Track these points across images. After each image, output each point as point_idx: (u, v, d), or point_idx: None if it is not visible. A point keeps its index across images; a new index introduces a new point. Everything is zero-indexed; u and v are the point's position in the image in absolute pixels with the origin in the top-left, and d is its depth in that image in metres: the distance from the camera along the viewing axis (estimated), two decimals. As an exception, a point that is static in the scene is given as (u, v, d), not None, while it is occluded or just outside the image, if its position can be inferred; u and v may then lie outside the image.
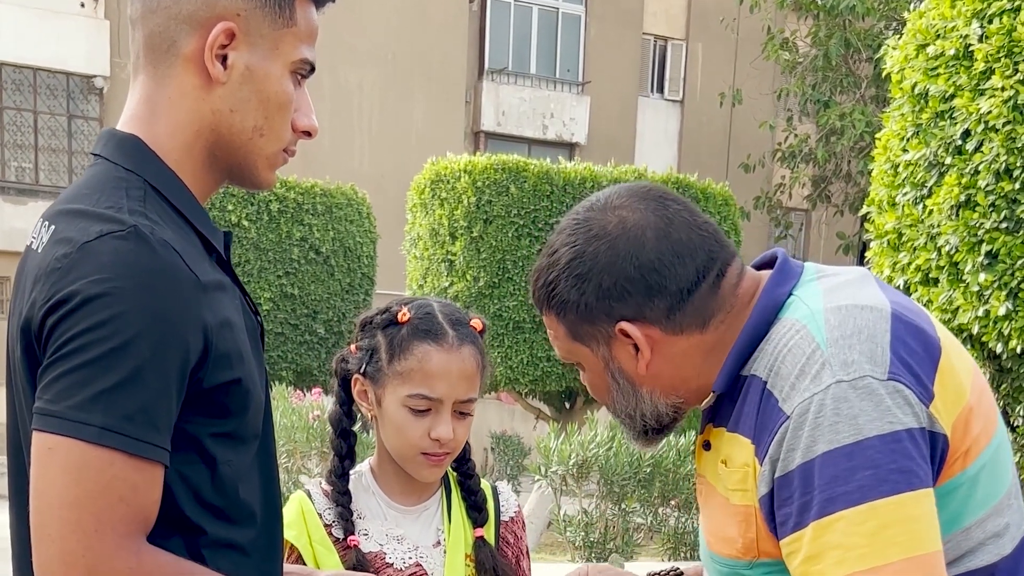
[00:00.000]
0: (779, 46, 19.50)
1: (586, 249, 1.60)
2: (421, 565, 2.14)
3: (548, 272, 1.64)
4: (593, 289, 1.59)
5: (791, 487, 1.44)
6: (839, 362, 1.44)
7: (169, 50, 1.52)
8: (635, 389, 1.64)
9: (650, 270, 1.57)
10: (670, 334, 1.59)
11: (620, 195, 1.63)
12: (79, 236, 1.40)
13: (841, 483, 1.40)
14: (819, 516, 1.41)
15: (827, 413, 1.42)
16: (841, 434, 1.41)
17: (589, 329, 1.62)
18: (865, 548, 1.39)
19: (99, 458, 1.35)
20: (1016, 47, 5.32)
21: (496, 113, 22.88)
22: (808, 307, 1.53)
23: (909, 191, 5.92)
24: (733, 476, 1.56)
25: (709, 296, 1.59)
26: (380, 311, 2.17)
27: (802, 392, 1.45)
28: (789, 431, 1.44)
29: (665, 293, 1.57)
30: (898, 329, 1.49)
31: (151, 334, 1.37)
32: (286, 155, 1.61)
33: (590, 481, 9.83)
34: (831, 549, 1.40)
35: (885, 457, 1.40)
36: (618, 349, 1.62)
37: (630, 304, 1.58)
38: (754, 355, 1.56)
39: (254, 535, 1.56)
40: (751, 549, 1.55)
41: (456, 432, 2.10)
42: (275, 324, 13.87)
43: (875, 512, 1.39)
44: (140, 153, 1.52)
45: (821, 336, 1.48)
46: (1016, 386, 5.87)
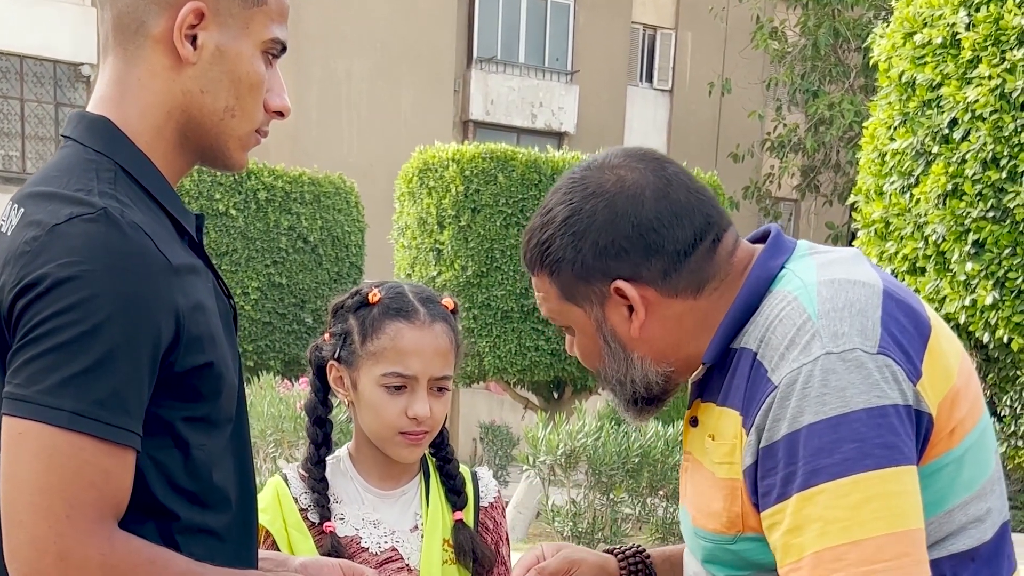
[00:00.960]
0: (768, 35, 19.50)
1: (583, 207, 1.57)
2: (397, 550, 2.13)
3: (542, 231, 1.61)
4: (590, 247, 1.57)
5: (776, 457, 1.43)
6: (829, 334, 1.43)
7: (138, 31, 1.50)
8: (626, 353, 1.62)
9: (648, 229, 1.55)
10: (665, 296, 1.57)
11: (617, 155, 1.62)
12: (48, 219, 1.38)
13: (825, 455, 1.39)
14: (802, 488, 1.40)
15: (815, 384, 1.41)
16: (828, 406, 1.40)
17: (583, 289, 1.59)
18: (847, 521, 1.38)
19: (70, 443, 1.34)
20: (1003, 35, 5.31)
21: (485, 102, 22.84)
22: (801, 280, 1.53)
23: (896, 180, 5.92)
24: (720, 449, 1.55)
25: (705, 261, 1.57)
26: (351, 294, 2.17)
27: (791, 363, 1.44)
28: (776, 401, 1.43)
29: (662, 253, 1.55)
30: (889, 306, 1.48)
31: (122, 318, 1.36)
32: (258, 136, 1.59)
33: (578, 471, 9.83)
34: (813, 521, 1.39)
35: (871, 431, 1.39)
36: (612, 310, 1.59)
37: (627, 263, 1.56)
38: (745, 327, 1.55)
39: (228, 520, 1.55)
40: (736, 523, 1.54)
41: (433, 410, 2.10)
42: (263, 313, 13.85)
43: (858, 485, 1.38)
44: (110, 135, 1.51)
45: (813, 308, 1.47)
46: (1003, 375, 5.89)
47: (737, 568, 1.58)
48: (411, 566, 2.13)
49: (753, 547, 1.53)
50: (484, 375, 11.99)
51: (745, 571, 1.57)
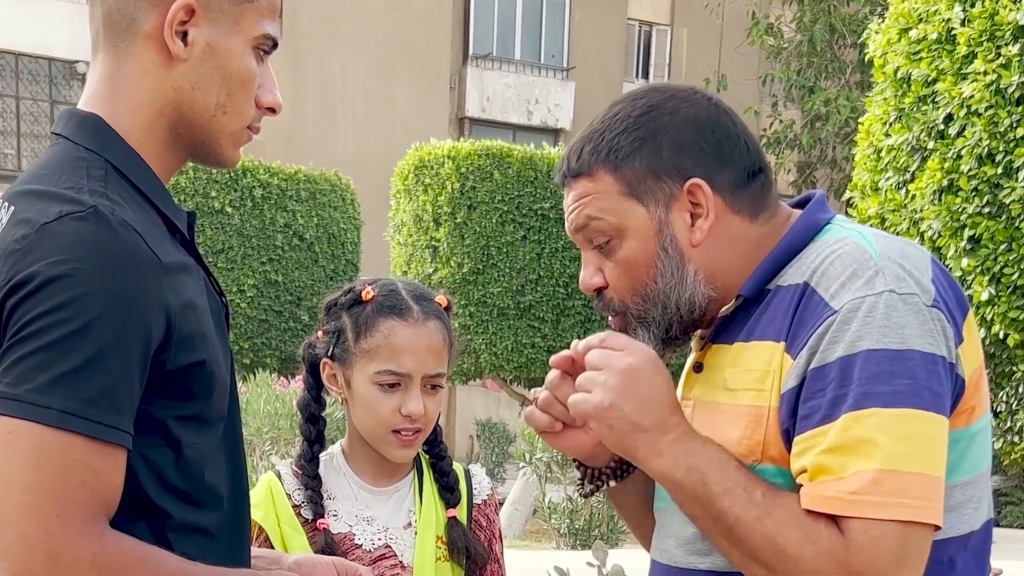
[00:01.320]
0: (764, 31, 19.50)
1: (664, 104, 1.58)
2: (390, 547, 2.13)
3: (607, 131, 1.58)
4: (668, 141, 1.56)
5: (826, 379, 1.43)
6: (892, 275, 1.45)
7: (128, 27, 1.50)
8: (683, 263, 1.56)
9: (727, 138, 1.58)
10: (728, 210, 1.58)
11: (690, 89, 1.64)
12: (38, 217, 1.38)
13: (881, 382, 1.40)
14: (853, 408, 1.41)
15: (877, 315, 1.42)
16: (888, 337, 1.41)
17: (653, 185, 1.56)
18: (888, 449, 1.39)
19: (60, 442, 1.33)
20: (998, 31, 5.31)
21: (481, 99, 22.83)
22: (854, 229, 1.56)
23: (892, 176, 5.91)
24: (747, 376, 1.53)
25: (760, 191, 1.61)
26: (343, 292, 2.17)
27: (854, 292, 1.44)
28: (835, 324, 1.43)
29: (734, 166, 1.57)
30: (936, 271, 1.51)
31: (112, 316, 1.35)
32: (250, 132, 1.58)
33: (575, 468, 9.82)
34: (860, 443, 1.40)
35: (923, 373, 1.41)
36: (676, 214, 1.56)
37: (703, 165, 1.56)
38: (785, 269, 1.55)
39: (221, 519, 1.54)
40: (754, 452, 1.51)
41: (427, 408, 2.10)
42: (259, 311, 13.85)
43: (905, 419, 1.39)
44: (101, 132, 1.50)
45: (873, 250, 1.49)
46: (999, 371, 5.88)
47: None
48: (404, 563, 2.13)
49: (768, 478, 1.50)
50: (480, 372, 11.99)
51: None
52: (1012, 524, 14.94)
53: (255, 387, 10.28)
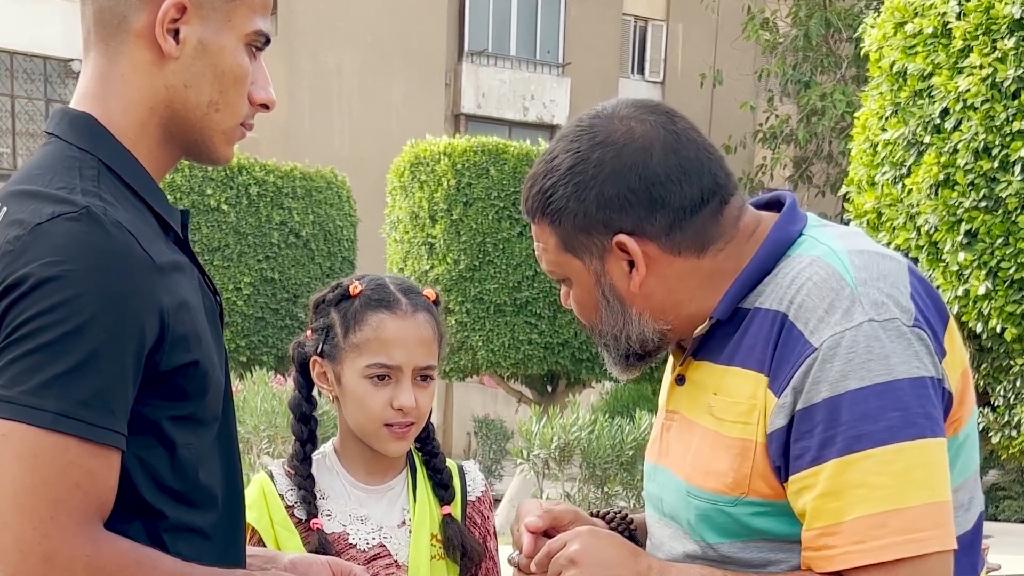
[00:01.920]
0: (759, 26, 19.48)
1: (590, 155, 1.54)
2: (385, 546, 2.12)
3: (545, 178, 1.57)
4: (594, 197, 1.53)
5: (813, 420, 1.42)
6: (870, 302, 1.43)
7: (120, 25, 1.49)
8: (624, 308, 1.59)
9: (655, 183, 1.52)
10: (667, 253, 1.54)
11: (627, 106, 1.59)
12: (31, 218, 1.37)
13: (870, 421, 1.38)
14: (843, 453, 1.39)
15: (859, 350, 1.40)
16: (873, 372, 1.39)
17: (584, 240, 1.56)
18: (889, 489, 1.38)
19: (54, 444, 1.33)
20: (994, 24, 5.30)
21: (476, 95, 22.80)
22: (828, 246, 1.51)
23: (888, 170, 5.92)
24: (735, 408, 1.52)
25: (710, 221, 1.55)
26: (331, 289, 2.16)
27: (832, 326, 1.42)
28: (817, 363, 1.42)
29: (667, 209, 1.52)
30: (914, 282, 1.48)
31: (105, 317, 1.34)
32: (243, 129, 1.58)
33: (572, 464, 9.83)
34: (854, 487, 1.39)
35: (914, 400, 1.39)
36: (612, 264, 1.57)
37: (630, 217, 1.53)
38: (758, 288, 1.53)
39: (215, 519, 1.54)
40: (741, 485, 1.51)
41: (418, 400, 2.09)
42: (255, 308, 13.83)
43: (902, 454, 1.38)
44: (93, 131, 1.49)
45: (849, 275, 1.46)
46: (996, 365, 5.89)
47: (728, 533, 1.55)
48: (399, 562, 2.12)
49: (753, 512, 1.52)
50: (477, 369, 11.98)
51: (736, 537, 1.55)
52: (1010, 518, 14.94)
53: (252, 385, 10.26)
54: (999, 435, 6.04)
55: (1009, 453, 6.33)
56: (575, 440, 9.42)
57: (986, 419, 6.05)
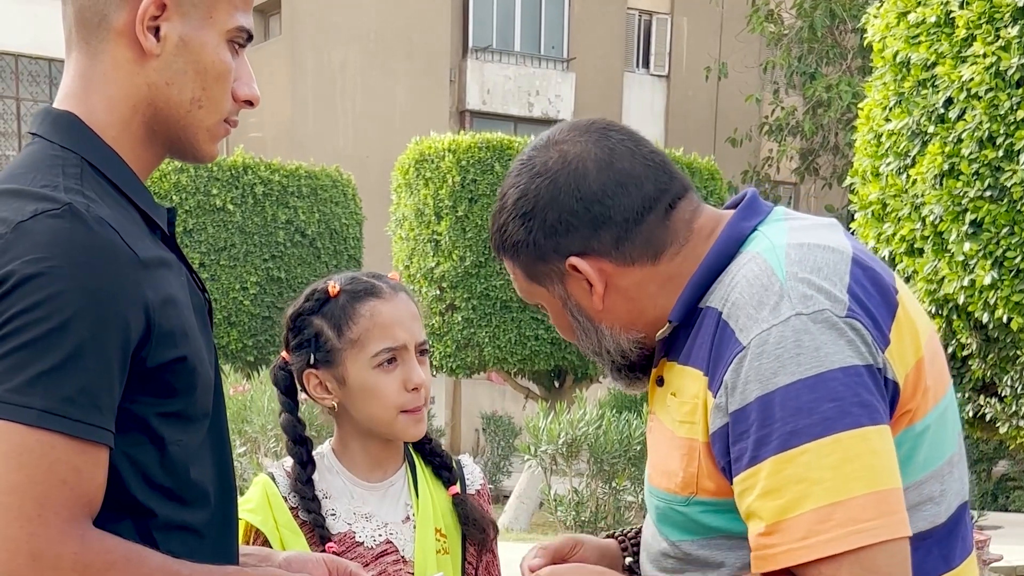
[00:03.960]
0: (764, 18, 19.46)
1: (529, 187, 1.58)
2: (392, 542, 2.12)
3: (499, 216, 1.63)
4: (539, 226, 1.57)
5: (747, 421, 1.41)
6: (798, 295, 1.42)
7: (100, 24, 1.49)
8: (595, 325, 1.62)
9: (592, 201, 1.55)
10: (621, 266, 1.56)
11: (562, 131, 1.62)
12: (13, 216, 1.37)
13: (804, 415, 1.37)
14: (780, 450, 1.38)
15: (788, 345, 1.39)
16: (803, 366, 1.38)
17: (543, 268, 1.60)
18: (830, 481, 1.36)
19: (40, 442, 1.32)
20: (997, 13, 5.28)
21: (481, 91, 22.80)
22: (770, 241, 1.51)
23: (892, 161, 5.89)
24: (682, 408, 1.53)
25: (659, 227, 1.56)
26: (305, 299, 2.15)
27: (760, 323, 1.42)
28: (747, 362, 1.41)
29: (610, 224, 1.55)
30: (857, 273, 1.46)
31: (89, 313, 1.34)
32: (227, 126, 1.57)
33: (580, 460, 9.83)
34: (793, 483, 1.37)
35: (848, 390, 1.37)
36: (573, 286, 1.60)
37: (576, 238, 1.56)
38: (712, 287, 1.53)
39: (207, 516, 1.53)
40: (690, 484, 1.52)
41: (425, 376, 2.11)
42: (262, 308, 13.85)
43: (839, 445, 1.36)
44: (76, 130, 1.49)
45: (781, 270, 1.45)
46: (1003, 355, 5.86)
47: (686, 531, 1.56)
48: (406, 558, 2.12)
49: (704, 510, 1.52)
50: (484, 365, 11.98)
51: (694, 535, 1.55)
52: (1020, 509, 14.92)
53: (259, 384, 10.28)
54: (1007, 425, 6.01)
55: (1017, 443, 6.30)
56: (582, 436, 9.42)
57: (993, 409, 6.03)
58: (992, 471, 15.45)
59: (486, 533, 2.18)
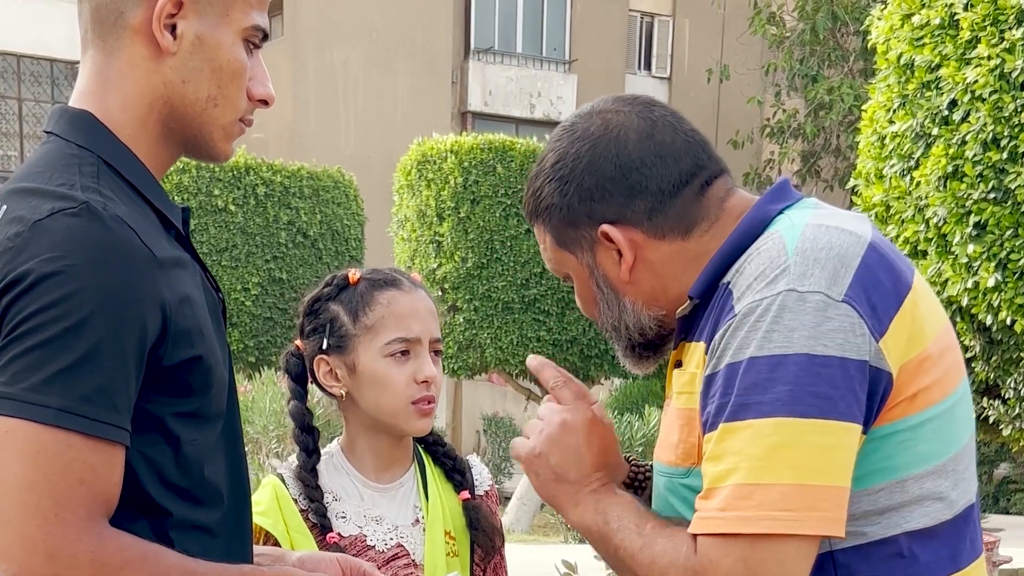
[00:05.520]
0: (766, 21, 19.46)
1: (569, 151, 1.59)
2: (403, 546, 2.11)
3: (535, 180, 1.63)
4: (575, 190, 1.57)
5: (715, 386, 1.42)
6: (798, 272, 1.41)
7: (116, 22, 1.49)
8: (618, 298, 1.61)
9: (631, 169, 1.55)
10: (652, 238, 1.56)
11: (607, 101, 1.63)
12: (31, 215, 1.37)
13: (757, 392, 1.37)
14: (729, 420, 1.39)
15: (767, 319, 1.39)
16: (773, 343, 1.38)
17: (573, 234, 1.60)
18: (759, 461, 1.36)
19: (56, 440, 1.32)
20: (1001, 15, 5.28)
21: (483, 93, 22.81)
22: (791, 221, 1.51)
23: (896, 163, 5.89)
24: (681, 378, 1.54)
25: (693, 202, 1.56)
26: (325, 284, 2.16)
27: (754, 293, 1.42)
28: (730, 330, 1.42)
29: (646, 193, 1.55)
30: (871, 258, 1.45)
31: (106, 312, 1.34)
32: (242, 125, 1.57)
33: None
34: (731, 454, 1.38)
35: (807, 378, 1.36)
36: (602, 255, 1.59)
37: (611, 205, 1.56)
38: (734, 266, 1.52)
39: (221, 516, 1.53)
40: (691, 455, 1.51)
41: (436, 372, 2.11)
42: (264, 308, 13.85)
43: (779, 428, 1.36)
44: (92, 129, 1.49)
45: (792, 244, 1.45)
46: (1007, 357, 5.85)
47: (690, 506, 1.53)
48: (417, 561, 2.11)
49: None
50: (486, 367, 11.98)
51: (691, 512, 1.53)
52: (1022, 511, 14.92)
53: (260, 385, 10.28)
54: (1010, 428, 6.00)
55: (1020, 446, 6.29)
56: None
57: (997, 412, 6.02)
58: (993, 473, 15.45)
59: (493, 542, 2.18)
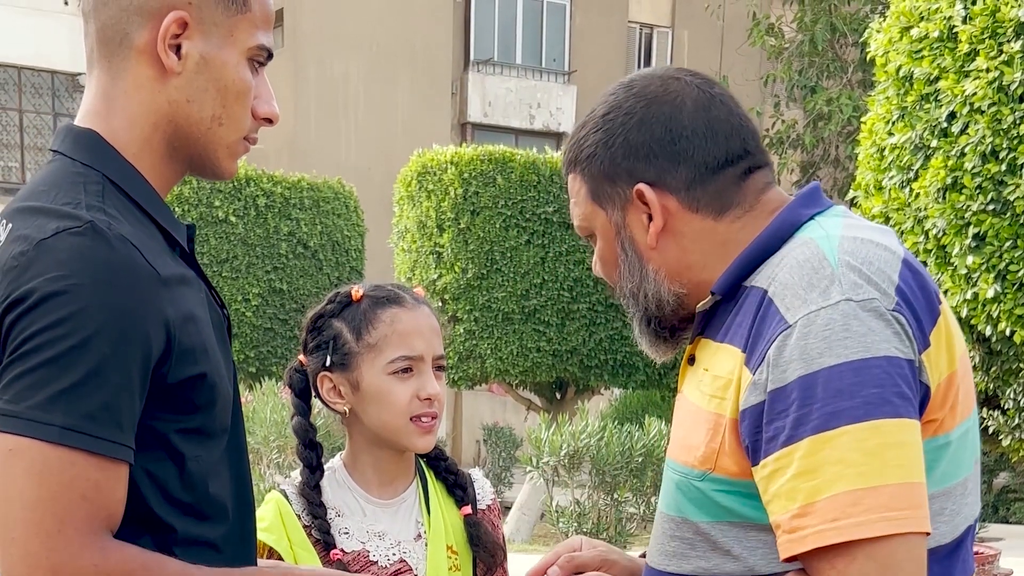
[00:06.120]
0: (765, 32, 19.47)
1: (623, 104, 1.58)
2: (406, 561, 2.10)
3: (582, 128, 1.62)
4: (620, 143, 1.57)
5: (788, 399, 1.39)
6: (849, 283, 1.41)
7: (122, 43, 1.50)
8: (641, 264, 1.60)
9: (681, 136, 1.55)
10: (686, 209, 1.56)
11: (671, 69, 1.64)
12: (36, 233, 1.38)
13: (846, 398, 1.36)
14: (819, 430, 1.37)
15: (836, 328, 1.38)
16: (850, 349, 1.37)
17: (609, 189, 1.59)
18: (865, 466, 1.35)
19: (60, 458, 1.33)
20: (1000, 28, 5.30)
21: (483, 104, 22.83)
22: (825, 231, 1.50)
23: (895, 175, 5.91)
24: (714, 383, 1.51)
25: (732, 184, 1.56)
26: (328, 301, 2.16)
27: (809, 304, 1.41)
28: (792, 340, 1.40)
29: (690, 163, 1.55)
30: (906, 274, 1.46)
31: (110, 330, 1.35)
32: (247, 143, 1.58)
33: (582, 471, 9.83)
34: (830, 464, 1.36)
35: (890, 379, 1.37)
36: (632, 216, 1.58)
37: (654, 167, 1.55)
38: (760, 268, 1.52)
39: (226, 531, 1.54)
40: (709, 460, 1.51)
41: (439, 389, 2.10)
42: (264, 319, 13.85)
43: (878, 431, 1.35)
44: (98, 148, 1.50)
45: (833, 256, 1.44)
46: (1006, 368, 5.87)
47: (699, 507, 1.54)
48: (419, 575, 2.11)
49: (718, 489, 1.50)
50: (486, 377, 11.98)
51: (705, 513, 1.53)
52: (1021, 521, 14.90)
53: (261, 396, 10.28)
54: (1009, 438, 6.02)
55: (1020, 456, 6.31)
56: (584, 447, 9.42)
57: (996, 422, 6.04)
58: (993, 483, 15.43)
59: (495, 558, 2.17)
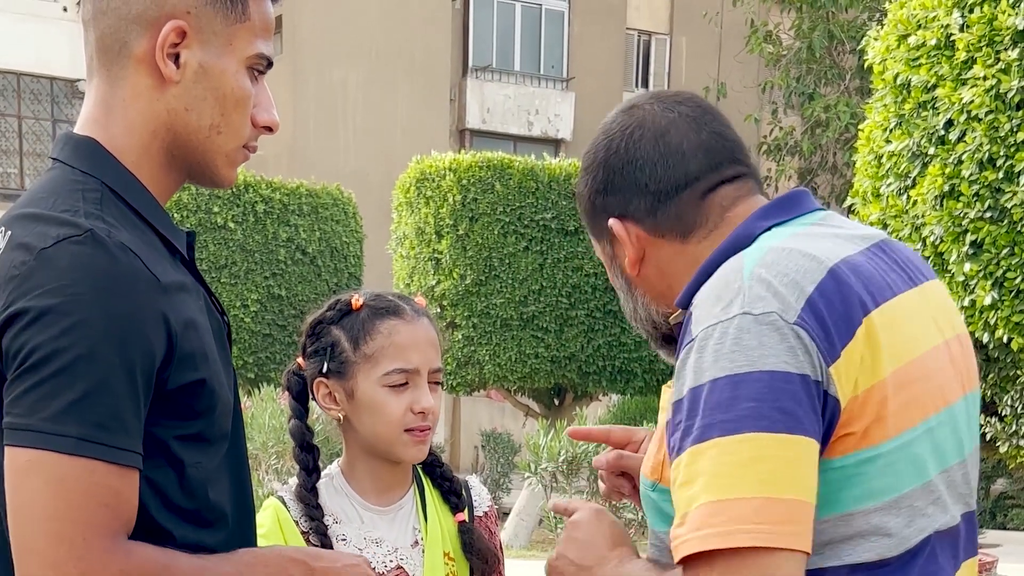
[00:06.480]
0: (763, 39, 19.51)
1: (596, 143, 1.67)
2: (403, 568, 2.11)
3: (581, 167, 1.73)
4: (591, 182, 1.66)
5: (681, 411, 1.43)
6: (752, 296, 1.42)
7: (121, 51, 1.51)
8: (631, 290, 1.68)
9: (635, 167, 1.61)
10: (652, 235, 1.61)
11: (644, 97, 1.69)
12: (36, 242, 1.39)
13: (722, 411, 1.38)
14: (696, 442, 1.39)
15: (727, 342, 1.40)
16: (735, 363, 1.38)
17: (594, 225, 1.68)
18: (729, 478, 1.36)
19: (78, 468, 1.35)
20: (997, 36, 5.31)
21: (481, 110, 22.85)
22: (767, 243, 1.51)
23: (893, 182, 5.92)
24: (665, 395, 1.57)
25: (691, 206, 1.59)
26: (328, 308, 2.16)
27: (710, 318, 1.43)
28: (691, 354, 1.43)
29: (645, 192, 1.60)
30: (828, 285, 1.44)
31: (114, 339, 1.36)
32: (246, 151, 1.59)
33: (580, 477, 9.83)
34: (700, 475, 1.38)
35: (770, 393, 1.37)
36: (618, 248, 1.66)
37: (618, 200, 1.62)
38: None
39: (226, 537, 1.54)
40: (656, 470, 1.56)
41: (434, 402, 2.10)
42: (262, 325, 13.85)
43: (746, 444, 1.36)
44: (97, 155, 1.51)
45: (749, 269, 1.46)
46: (1003, 375, 5.87)
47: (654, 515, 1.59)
48: None
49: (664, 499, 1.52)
50: (484, 383, 11.99)
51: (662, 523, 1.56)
52: (1019, 527, 14.92)
53: (260, 401, 10.28)
54: (1007, 445, 6.02)
55: (1017, 462, 6.31)
56: (582, 453, 9.42)
57: (993, 429, 6.04)
58: (990, 489, 15.45)
59: (488, 564, 2.18)
